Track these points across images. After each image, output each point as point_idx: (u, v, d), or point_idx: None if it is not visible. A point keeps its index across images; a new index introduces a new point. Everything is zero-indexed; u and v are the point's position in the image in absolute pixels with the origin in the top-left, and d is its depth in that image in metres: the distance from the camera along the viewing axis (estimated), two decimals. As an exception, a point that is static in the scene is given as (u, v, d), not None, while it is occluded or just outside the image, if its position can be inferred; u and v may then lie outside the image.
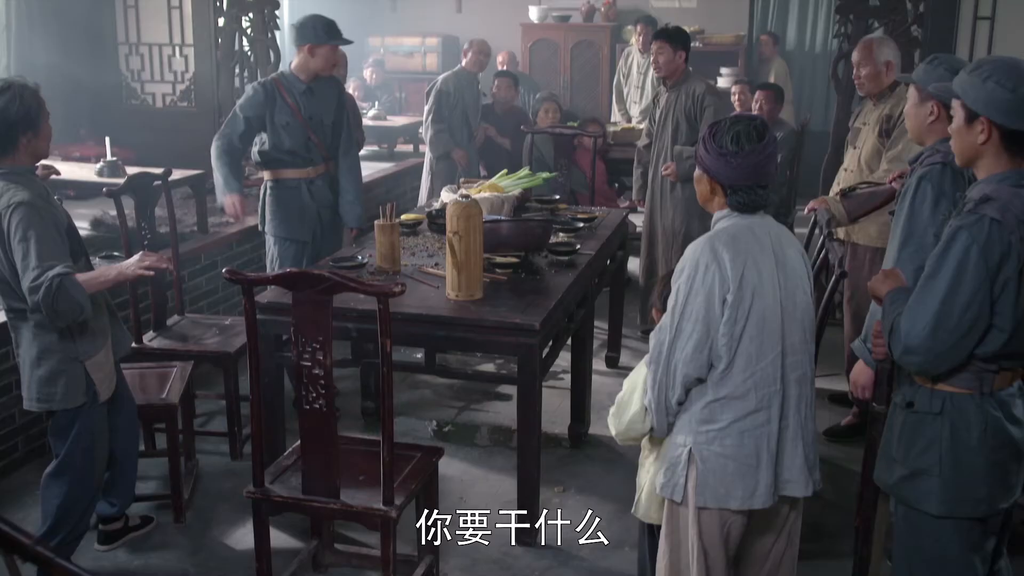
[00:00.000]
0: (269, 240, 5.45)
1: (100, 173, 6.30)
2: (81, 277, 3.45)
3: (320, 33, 5.16)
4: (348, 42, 5.35)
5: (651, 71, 9.68)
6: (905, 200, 3.36)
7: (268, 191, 5.39)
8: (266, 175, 5.38)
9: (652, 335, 2.97)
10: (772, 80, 9.63)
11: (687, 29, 11.28)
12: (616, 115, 10.26)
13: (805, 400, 2.93)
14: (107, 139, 6.56)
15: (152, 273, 3.74)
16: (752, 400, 2.83)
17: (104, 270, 3.70)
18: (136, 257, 3.68)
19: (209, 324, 5.12)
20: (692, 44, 11.18)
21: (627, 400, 3.13)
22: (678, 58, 6.16)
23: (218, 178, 5.28)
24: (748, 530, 2.97)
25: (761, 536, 3.04)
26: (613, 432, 3.21)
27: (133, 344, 4.51)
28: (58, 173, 5.29)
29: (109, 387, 3.76)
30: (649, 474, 3.17)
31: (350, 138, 5.53)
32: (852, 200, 4.41)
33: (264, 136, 5.24)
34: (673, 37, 6.20)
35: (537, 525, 4.20)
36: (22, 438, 4.73)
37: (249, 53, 7.29)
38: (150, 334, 4.89)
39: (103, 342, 3.72)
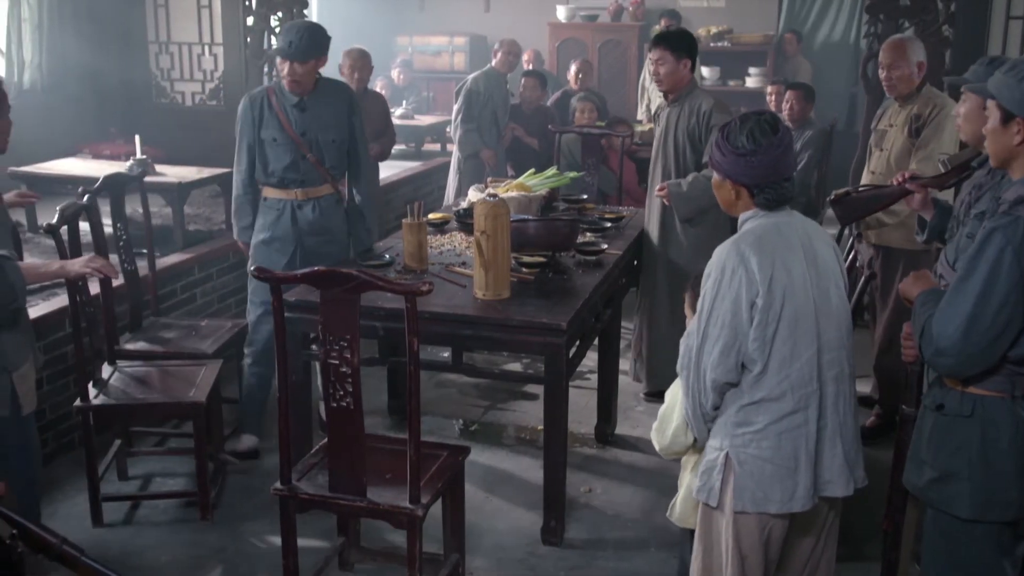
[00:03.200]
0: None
1: (130, 171, 6.33)
2: (23, 265, 3.37)
3: (280, 46, 4.66)
4: (290, 57, 4.58)
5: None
6: (983, 256, 3.21)
7: (259, 207, 4.92)
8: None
9: (681, 341, 2.96)
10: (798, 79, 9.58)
11: (715, 29, 11.39)
12: (640, 113, 10.25)
13: (844, 397, 2.90)
14: (137, 137, 6.59)
15: (100, 275, 3.69)
16: (789, 402, 2.81)
17: (46, 263, 3.66)
18: (85, 257, 3.65)
19: (183, 325, 5.12)
20: (720, 43, 11.32)
21: (668, 414, 3.12)
22: (682, 68, 5.15)
23: (234, 219, 4.98)
24: (789, 533, 2.95)
25: (801, 539, 3.02)
26: (657, 448, 3.20)
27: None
28: (35, 199, 4.67)
29: (31, 400, 3.64)
30: (686, 480, 3.15)
31: (363, 159, 4.95)
32: (846, 205, 4.31)
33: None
34: (675, 44, 5.16)
35: (563, 525, 4.20)
36: (51, 433, 4.76)
37: (278, 52, 7.31)
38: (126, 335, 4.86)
39: (28, 354, 3.62)
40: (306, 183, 4.76)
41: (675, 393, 3.10)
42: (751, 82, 11.28)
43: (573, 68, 8.86)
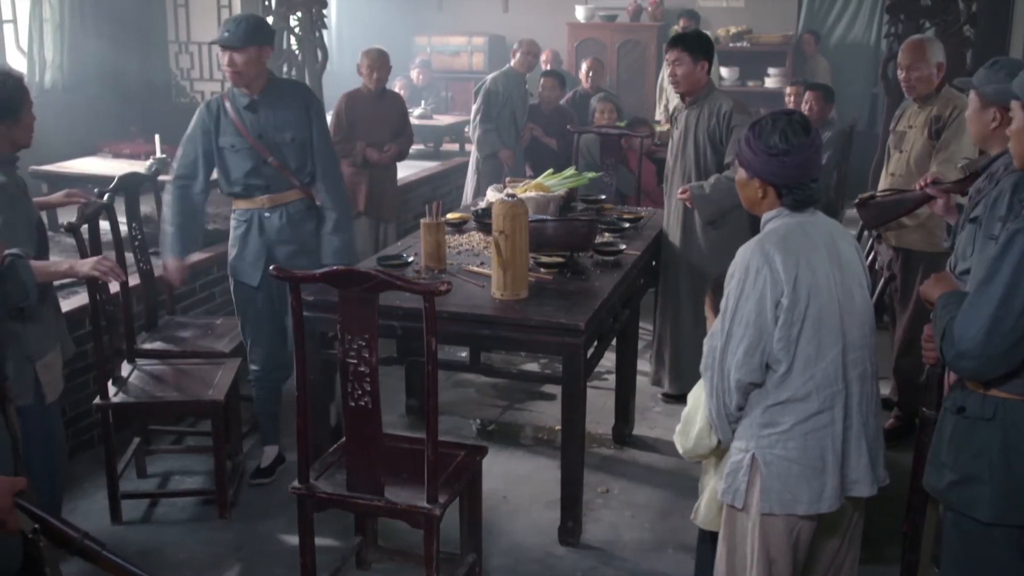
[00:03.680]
0: None
1: (148, 171, 6.35)
2: (34, 264, 3.39)
3: (217, 37, 4.41)
4: (226, 45, 4.33)
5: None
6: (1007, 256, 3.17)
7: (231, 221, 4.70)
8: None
9: (705, 341, 2.95)
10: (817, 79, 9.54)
11: (735, 29, 11.36)
12: (658, 113, 10.25)
13: (867, 397, 2.90)
14: (156, 137, 6.62)
15: (108, 278, 3.71)
16: (815, 402, 2.81)
17: (57, 262, 3.69)
18: (94, 259, 3.68)
19: (198, 324, 5.11)
20: (739, 43, 11.28)
21: (692, 417, 3.10)
22: (699, 69, 5.16)
23: (164, 232, 4.62)
24: (814, 535, 2.94)
25: (827, 540, 3.01)
26: (681, 451, 3.18)
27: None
28: (85, 199, 4.45)
29: (56, 389, 3.70)
30: (712, 482, 3.14)
31: (327, 159, 4.61)
32: (871, 210, 4.28)
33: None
34: (692, 45, 5.17)
35: (580, 525, 4.20)
36: (71, 431, 4.78)
37: (297, 52, 7.33)
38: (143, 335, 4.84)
39: (54, 344, 3.68)
40: (272, 189, 4.51)
41: (697, 395, 3.09)
42: (770, 82, 11.24)
43: (584, 67, 8.88)
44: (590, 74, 8.75)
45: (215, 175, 4.61)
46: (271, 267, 3.29)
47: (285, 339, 4.66)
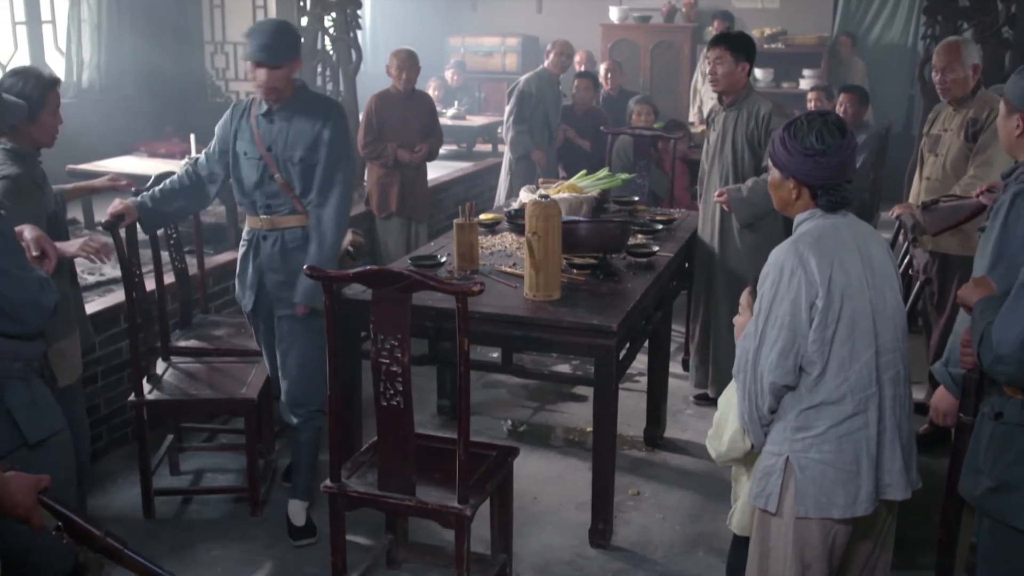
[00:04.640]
0: None
1: (184, 169, 6.40)
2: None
3: (250, 51, 4.02)
4: (263, 63, 3.97)
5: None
6: (997, 218, 3.12)
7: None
8: None
9: (738, 344, 2.93)
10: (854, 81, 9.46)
11: (769, 30, 11.30)
12: (692, 115, 10.22)
13: (900, 400, 2.87)
14: (192, 136, 6.67)
15: (96, 258, 3.68)
16: (849, 405, 2.79)
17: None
18: (81, 240, 3.67)
19: (232, 323, 5.07)
20: (774, 45, 11.22)
21: (724, 420, 3.08)
22: (740, 70, 5.10)
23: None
24: (849, 538, 2.92)
25: (859, 544, 2.99)
26: (713, 455, 3.16)
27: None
28: (124, 185, 4.52)
29: (70, 375, 3.72)
30: (745, 488, 3.13)
31: (328, 183, 4.07)
32: (934, 214, 4.24)
33: None
34: (735, 44, 5.11)
35: (611, 527, 4.19)
36: (106, 427, 4.83)
37: (331, 52, 7.37)
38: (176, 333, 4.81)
39: (71, 330, 3.72)
40: (272, 209, 4.12)
41: (728, 398, 3.07)
42: (805, 84, 11.14)
43: (602, 69, 8.92)
44: (608, 76, 8.78)
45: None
46: (305, 266, 3.30)
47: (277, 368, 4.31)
